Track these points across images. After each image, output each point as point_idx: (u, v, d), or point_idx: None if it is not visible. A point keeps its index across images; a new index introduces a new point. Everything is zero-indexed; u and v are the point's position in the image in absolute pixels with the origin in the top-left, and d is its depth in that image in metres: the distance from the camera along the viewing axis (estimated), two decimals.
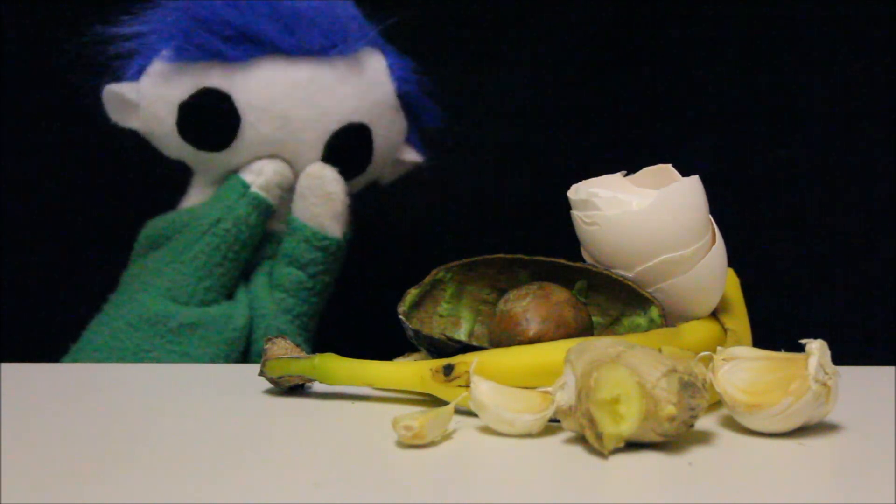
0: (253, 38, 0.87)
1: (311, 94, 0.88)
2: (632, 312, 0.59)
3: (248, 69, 0.88)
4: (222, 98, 0.87)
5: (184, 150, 0.90)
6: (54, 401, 0.62)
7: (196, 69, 0.88)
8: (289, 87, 0.88)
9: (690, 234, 0.58)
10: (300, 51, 0.88)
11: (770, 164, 1.06)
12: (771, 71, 1.05)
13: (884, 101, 1.04)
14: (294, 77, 0.88)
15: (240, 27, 0.86)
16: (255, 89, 0.88)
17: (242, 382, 0.64)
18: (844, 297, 1.05)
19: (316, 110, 0.88)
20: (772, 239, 1.06)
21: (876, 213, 1.05)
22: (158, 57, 0.89)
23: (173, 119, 0.89)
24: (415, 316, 0.61)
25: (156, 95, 0.89)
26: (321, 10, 0.89)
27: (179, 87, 0.88)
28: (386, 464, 0.49)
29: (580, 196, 0.59)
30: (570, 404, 0.50)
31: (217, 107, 0.88)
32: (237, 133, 0.88)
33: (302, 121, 0.88)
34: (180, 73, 0.88)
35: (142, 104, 0.89)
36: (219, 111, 0.88)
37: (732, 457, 0.50)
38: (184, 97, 0.88)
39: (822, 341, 0.52)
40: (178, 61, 0.88)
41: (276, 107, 0.88)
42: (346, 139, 0.90)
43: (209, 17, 0.87)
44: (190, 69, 0.88)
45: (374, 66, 0.92)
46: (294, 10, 0.88)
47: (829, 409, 0.52)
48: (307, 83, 0.88)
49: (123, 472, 0.48)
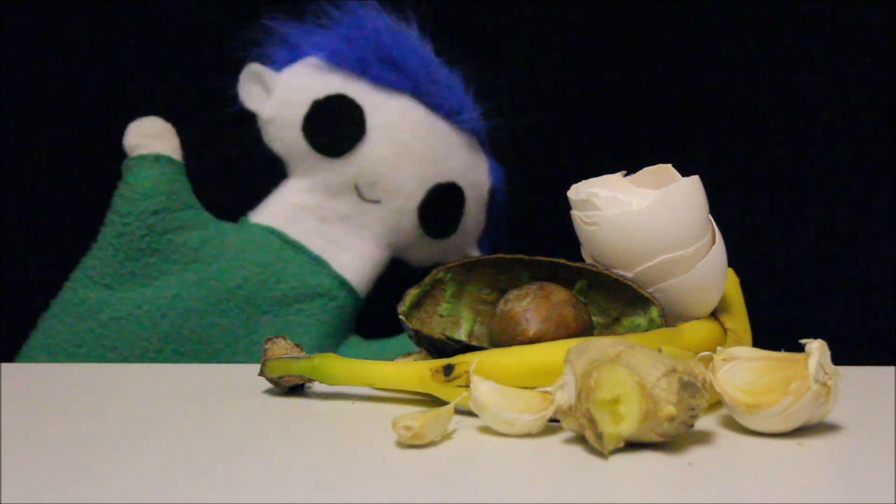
0: (403, 70, 0.91)
1: (432, 140, 0.92)
2: (632, 312, 0.59)
3: (387, 94, 0.91)
4: (356, 108, 0.90)
5: (298, 146, 0.91)
6: (54, 401, 0.62)
7: (341, 77, 0.91)
8: (416, 124, 0.91)
9: (690, 234, 0.58)
10: (434, 103, 0.92)
11: (770, 164, 1.06)
12: (771, 71, 1.06)
13: (884, 101, 1.04)
14: (424, 119, 0.92)
15: (395, 57, 0.91)
16: (388, 113, 0.91)
17: (242, 382, 0.64)
18: (844, 297, 1.05)
19: (432, 155, 0.92)
20: (772, 239, 1.06)
21: (876, 213, 1.05)
22: (309, 55, 0.92)
23: (303, 112, 0.91)
24: (415, 316, 0.61)
25: (295, 84, 0.91)
26: (456, 80, 0.95)
27: (320, 86, 0.91)
28: (386, 464, 0.49)
29: (580, 196, 0.59)
30: (570, 404, 0.50)
31: (348, 114, 0.90)
32: (357, 145, 0.90)
33: (418, 157, 0.91)
34: (325, 74, 0.91)
35: (277, 90, 0.91)
36: (348, 119, 0.90)
37: (732, 457, 0.50)
38: (320, 95, 0.90)
39: (822, 341, 0.52)
40: (329, 62, 0.91)
41: (401, 135, 0.91)
42: (447, 195, 0.93)
43: (371, 37, 0.90)
44: (335, 74, 0.91)
45: (482, 157, 0.98)
46: (438, 66, 0.93)
47: (829, 409, 0.52)
48: (432, 129, 0.92)
49: (123, 472, 0.48)
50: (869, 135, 1.05)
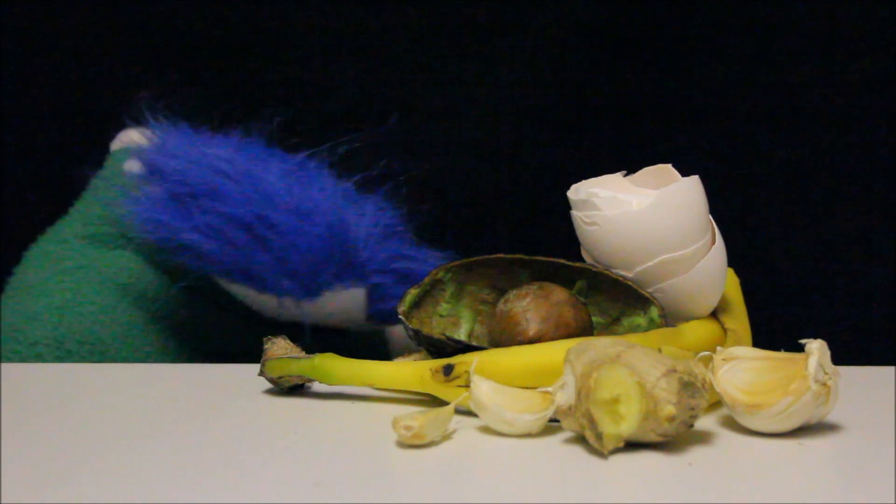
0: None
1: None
2: (632, 312, 0.59)
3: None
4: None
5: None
6: (54, 401, 0.62)
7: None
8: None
9: (690, 234, 0.58)
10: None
11: (770, 164, 1.06)
12: (771, 71, 1.06)
13: (884, 101, 1.04)
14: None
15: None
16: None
17: (242, 382, 0.64)
18: (844, 297, 1.05)
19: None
20: (772, 239, 1.06)
21: (876, 213, 1.05)
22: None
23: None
24: (415, 316, 0.61)
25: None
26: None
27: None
28: (386, 464, 0.49)
29: (580, 196, 0.59)
30: (569, 404, 0.50)
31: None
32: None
33: None
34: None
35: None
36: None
37: (732, 457, 0.50)
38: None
39: (822, 341, 0.52)
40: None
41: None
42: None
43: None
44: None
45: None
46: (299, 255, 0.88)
47: (829, 409, 0.52)
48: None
49: (123, 472, 0.48)
50: (869, 135, 1.05)
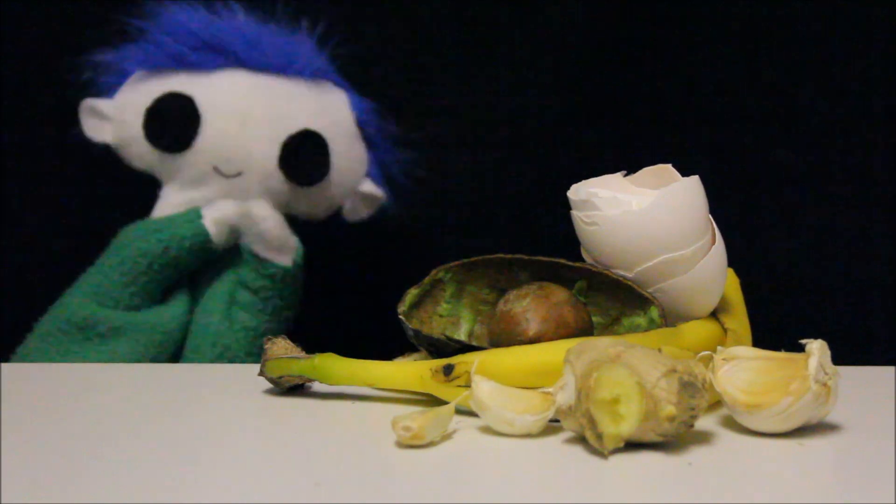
0: (218, 48, 0.92)
1: (269, 98, 0.93)
2: (632, 312, 0.59)
3: (212, 76, 0.93)
4: (184, 100, 0.92)
5: (151, 156, 0.94)
6: (54, 401, 0.62)
7: (165, 78, 0.93)
8: (249, 89, 0.93)
9: (690, 234, 0.58)
10: (261, 64, 0.93)
11: (770, 164, 1.06)
12: (771, 71, 1.06)
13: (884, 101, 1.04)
14: (255, 82, 0.93)
15: (206, 39, 0.92)
16: (217, 91, 0.93)
17: (242, 382, 0.64)
18: (844, 297, 1.05)
19: (274, 112, 0.93)
20: (772, 239, 1.06)
21: (876, 213, 1.05)
22: (131, 73, 0.94)
23: (139, 123, 0.93)
24: (415, 316, 0.61)
25: (127, 104, 0.93)
26: (283, 34, 0.95)
27: (147, 94, 0.93)
28: (386, 464, 0.49)
29: (580, 196, 0.59)
30: (570, 404, 0.50)
31: (179, 108, 0.92)
32: (198, 131, 0.92)
33: (260, 119, 0.92)
34: (149, 82, 0.93)
35: (115, 116, 0.94)
36: (181, 112, 0.92)
37: (732, 457, 0.50)
38: (150, 102, 0.93)
39: (822, 341, 0.52)
40: (148, 69, 0.93)
41: (236, 105, 0.92)
42: (303, 143, 0.94)
43: (178, 30, 0.92)
44: (159, 78, 0.93)
45: (335, 95, 0.97)
46: (258, 30, 0.94)
47: (829, 409, 0.52)
48: (266, 88, 0.93)
49: (123, 472, 0.48)
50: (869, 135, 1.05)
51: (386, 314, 0.68)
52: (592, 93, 1.06)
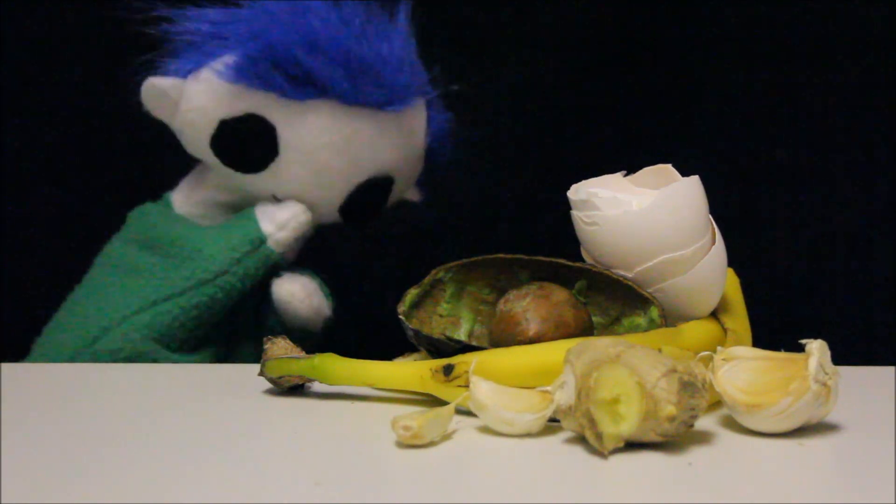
0: (316, 82, 0.83)
1: (353, 148, 0.86)
2: (632, 312, 0.59)
3: (301, 107, 0.84)
4: (268, 129, 0.85)
5: (209, 158, 0.87)
6: (54, 401, 0.62)
7: (248, 90, 0.84)
8: (333, 137, 0.85)
9: (690, 234, 0.58)
10: (357, 102, 0.85)
11: (770, 164, 1.06)
12: (771, 71, 1.05)
13: (884, 101, 1.04)
14: (341, 128, 0.85)
15: (307, 69, 0.83)
16: (301, 131, 0.85)
17: (242, 382, 0.64)
18: (844, 297, 1.05)
19: (351, 163, 0.86)
20: (772, 239, 1.06)
21: (876, 213, 1.05)
22: (213, 65, 0.85)
23: (210, 131, 0.85)
24: (415, 316, 0.61)
25: (199, 105, 0.85)
26: (387, 62, 0.85)
27: (225, 105, 0.85)
28: (385, 464, 0.49)
29: (580, 196, 0.59)
30: (569, 404, 0.50)
31: (259, 135, 0.85)
32: (271, 164, 0.85)
33: (336, 171, 0.86)
34: (230, 89, 0.84)
35: (182, 105, 0.86)
36: (259, 139, 0.85)
37: (732, 457, 0.50)
38: (229, 115, 0.85)
39: (822, 341, 0.52)
40: (234, 83, 0.84)
41: (316, 153, 0.85)
42: (370, 192, 0.88)
43: (279, 50, 0.82)
44: (242, 87, 0.84)
45: (417, 118, 0.90)
46: (361, 60, 0.84)
47: (829, 409, 0.52)
48: (352, 135, 0.86)
49: (123, 471, 0.48)
50: (869, 134, 1.05)
51: (386, 314, 0.67)
52: (592, 93, 1.06)
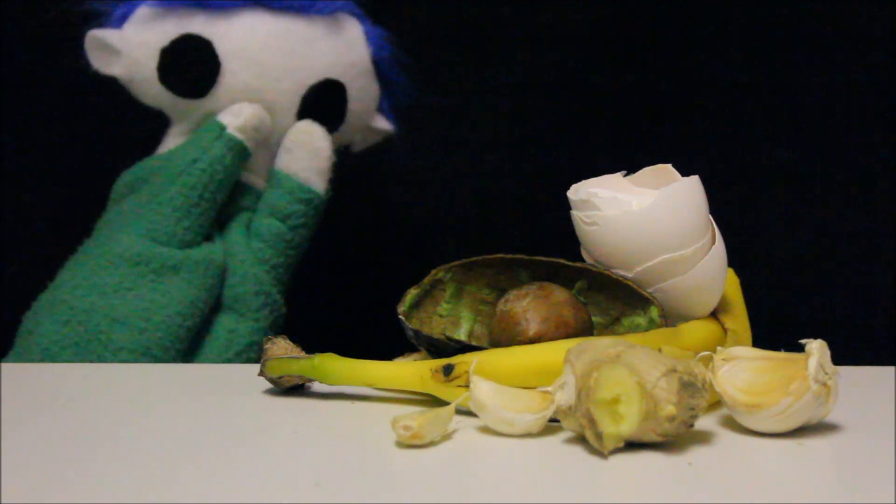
0: None
1: (289, 46, 0.90)
2: (632, 312, 0.59)
3: (229, 17, 0.89)
4: (203, 44, 0.89)
5: (163, 97, 0.91)
6: (54, 401, 0.62)
7: (179, 16, 0.89)
8: (268, 37, 0.90)
9: (690, 234, 0.58)
10: (281, 4, 0.90)
11: (770, 164, 1.06)
12: (771, 70, 1.06)
13: (884, 101, 1.04)
14: (274, 27, 0.90)
15: None
16: (236, 37, 0.89)
17: (242, 382, 0.64)
18: (844, 297, 1.05)
19: (294, 61, 0.90)
20: (772, 239, 1.06)
21: (876, 212, 1.05)
22: (142, 4, 0.90)
23: (154, 64, 0.89)
24: (415, 316, 0.61)
25: (138, 41, 0.90)
26: None
27: (161, 33, 0.89)
28: (385, 464, 0.49)
29: (580, 196, 0.59)
30: (569, 404, 0.50)
31: (197, 53, 0.89)
32: (216, 80, 0.89)
33: (280, 70, 0.90)
34: (163, 19, 0.90)
35: (123, 50, 0.90)
36: (199, 57, 0.89)
37: (732, 457, 0.50)
38: (165, 43, 0.89)
39: (822, 341, 0.52)
40: (161, 6, 0.90)
41: (256, 55, 0.89)
42: (323, 94, 0.91)
43: None
44: (173, 15, 0.89)
45: (352, 29, 0.94)
46: None
47: (829, 409, 0.52)
48: (286, 34, 0.90)
49: (123, 472, 0.48)
50: (869, 134, 1.05)
51: (386, 314, 0.67)
52: (592, 93, 1.06)
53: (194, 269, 0.87)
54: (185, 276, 0.86)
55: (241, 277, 0.88)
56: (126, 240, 0.86)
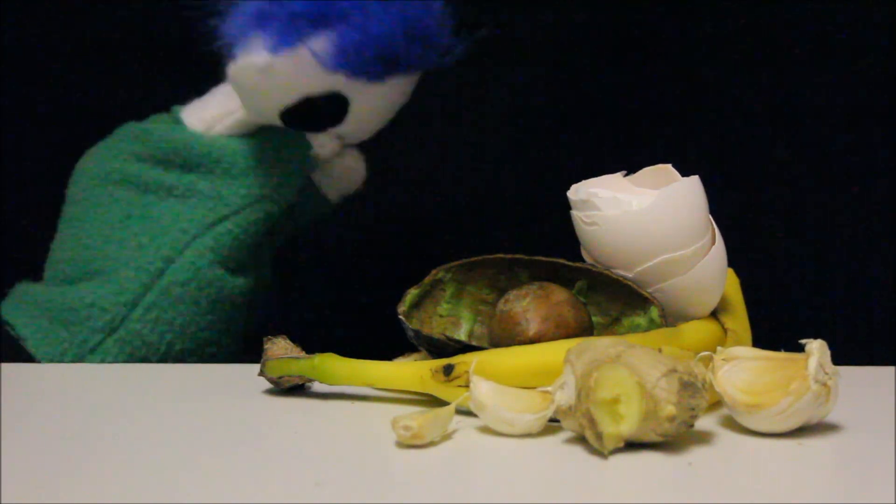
0: (404, 64, 0.87)
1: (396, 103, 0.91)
2: (632, 312, 0.59)
3: (377, 84, 0.87)
4: (342, 100, 0.88)
5: (266, 117, 0.88)
6: (54, 401, 0.62)
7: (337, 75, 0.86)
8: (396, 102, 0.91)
9: (690, 234, 0.58)
10: (418, 68, 0.89)
11: (770, 164, 1.06)
12: (771, 71, 1.05)
13: (884, 101, 1.04)
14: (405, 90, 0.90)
15: (405, 58, 0.87)
16: (371, 103, 0.89)
17: (242, 382, 0.64)
18: (844, 297, 1.05)
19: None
20: (772, 239, 1.06)
21: (876, 213, 1.05)
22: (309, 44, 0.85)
23: (288, 102, 0.87)
24: (415, 316, 0.61)
25: (290, 74, 0.86)
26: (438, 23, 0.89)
27: (314, 83, 0.86)
28: (386, 464, 0.49)
29: (580, 196, 0.59)
30: (569, 404, 0.50)
31: (334, 105, 0.88)
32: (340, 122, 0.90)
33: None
34: (323, 74, 0.86)
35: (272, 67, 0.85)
36: (333, 108, 0.88)
37: (732, 457, 0.50)
38: (314, 92, 0.87)
39: (822, 341, 0.52)
40: (334, 70, 0.85)
41: (379, 114, 0.91)
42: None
43: (382, 42, 0.85)
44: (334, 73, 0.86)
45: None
46: (424, 27, 0.87)
47: (829, 409, 0.52)
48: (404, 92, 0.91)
49: (123, 472, 0.48)
50: (869, 135, 1.05)
51: (386, 314, 0.67)
52: (592, 93, 1.06)
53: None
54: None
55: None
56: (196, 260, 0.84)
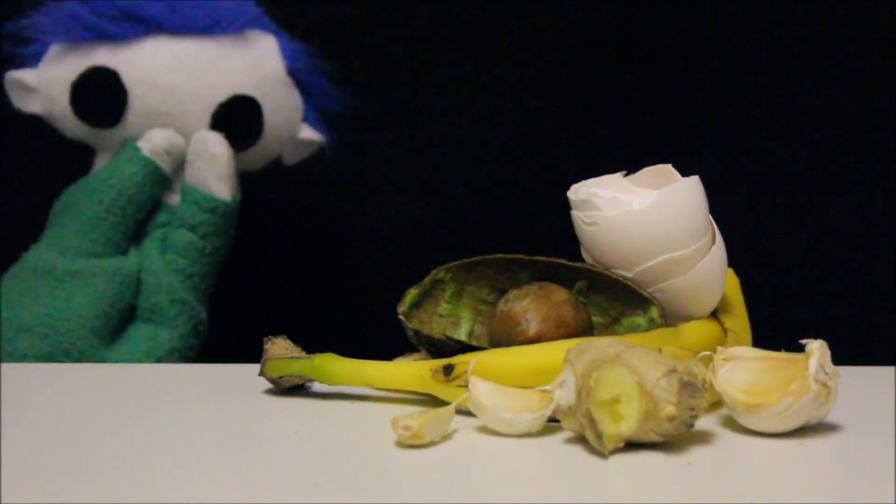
0: (137, 17, 0.93)
1: (195, 67, 0.93)
2: (632, 312, 0.59)
3: (133, 46, 0.93)
4: (109, 75, 0.93)
5: (80, 128, 0.95)
6: (54, 401, 0.62)
7: (86, 50, 0.93)
8: (173, 60, 0.93)
9: (690, 234, 0.58)
10: (183, 28, 0.93)
11: (770, 164, 1.06)
12: (771, 71, 1.06)
13: (884, 101, 1.04)
14: (177, 50, 0.94)
15: (124, 8, 0.92)
16: (141, 64, 0.93)
17: (242, 382, 0.64)
18: (844, 297, 1.05)
19: (200, 82, 0.93)
20: (772, 239, 1.06)
21: (876, 212, 1.05)
22: (53, 42, 0.94)
23: (67, 99, 0.94)
24: (415, 316, 0.61)
25: (51, 78, 0.94)
26: None
27: (71, 68, 0.94)
28: (385, 464, 0.49)
29: (580, 196, 0.59)
30: (569, 404, 0.50)
31: (105, 83, 0.93)
32: (126, 108, 0.93)
33: (187, 92, 0.93)
34: (72, 55, 0.94)
35: (40, 88, 0.94)
36: (107, 87, 0.93)
37: (732, 457, 0.50)
38: (75, 77, 0.93)
39: (822, 341, 0.52)
40: (68, 42, 0.93)
41: (161, 79, 0.93)
42: (233, 110, 0.95)
43: (96, 1, 0.93)
44: (80, 50, 0.93)
45: (263, 45, 0.97)
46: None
47: (829, 409, 0.52)
48: (191, 56, 0.93)
49: (123, 471, 0.48)
50: (869, 135, 1.05)
51: (386, 314, 0.68)
52: (592, 92, 1.06)
53: (99, 275, 0.89)
54: (88, 282, 0.89)
55: (155, 287, 0.91)
56: (35, 253, 0.90)
